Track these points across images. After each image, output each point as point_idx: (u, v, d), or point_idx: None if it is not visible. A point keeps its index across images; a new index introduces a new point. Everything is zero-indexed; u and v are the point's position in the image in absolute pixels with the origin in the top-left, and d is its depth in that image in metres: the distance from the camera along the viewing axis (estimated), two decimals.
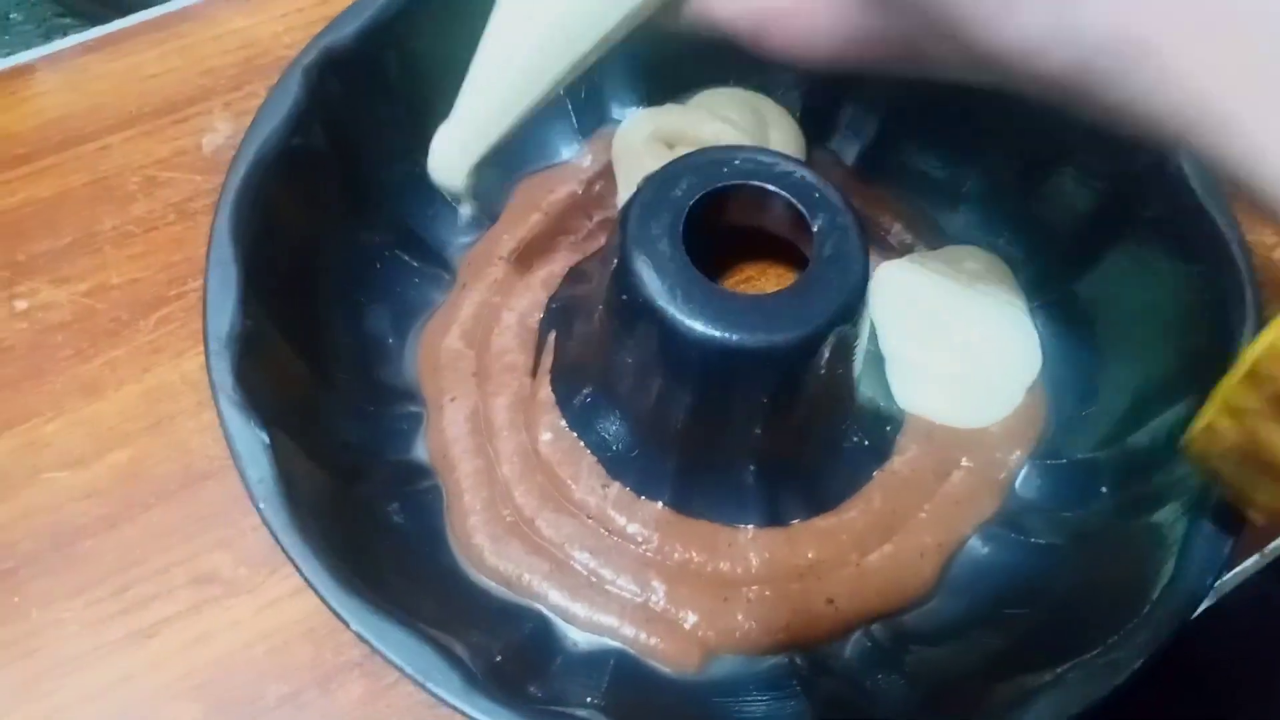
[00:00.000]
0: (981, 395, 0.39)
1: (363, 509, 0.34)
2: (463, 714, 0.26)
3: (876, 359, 0.39)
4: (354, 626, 0.27)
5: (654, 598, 0.35)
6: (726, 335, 0.31)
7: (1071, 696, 0.27)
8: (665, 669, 0.34)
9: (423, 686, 0.26)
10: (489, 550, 0.35)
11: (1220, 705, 0.42)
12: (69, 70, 0.46)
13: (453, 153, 0.33)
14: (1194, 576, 0.29)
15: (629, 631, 0.34)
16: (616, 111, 0.43)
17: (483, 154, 0.33)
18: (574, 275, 0.40)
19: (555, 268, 0.41)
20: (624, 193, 0.41)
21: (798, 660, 0.34)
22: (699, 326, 0.31)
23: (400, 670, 0.27)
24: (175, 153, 0.44)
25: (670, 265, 0.32)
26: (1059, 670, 0.28)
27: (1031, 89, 0.21)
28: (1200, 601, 0.28)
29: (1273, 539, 0.40)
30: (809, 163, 0.42)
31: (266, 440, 0.29)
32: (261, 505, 0.28)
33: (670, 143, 0.41)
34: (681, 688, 0.34)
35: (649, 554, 0.36)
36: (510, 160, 0.42)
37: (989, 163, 0.41)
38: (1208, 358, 0.33)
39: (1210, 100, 0.18)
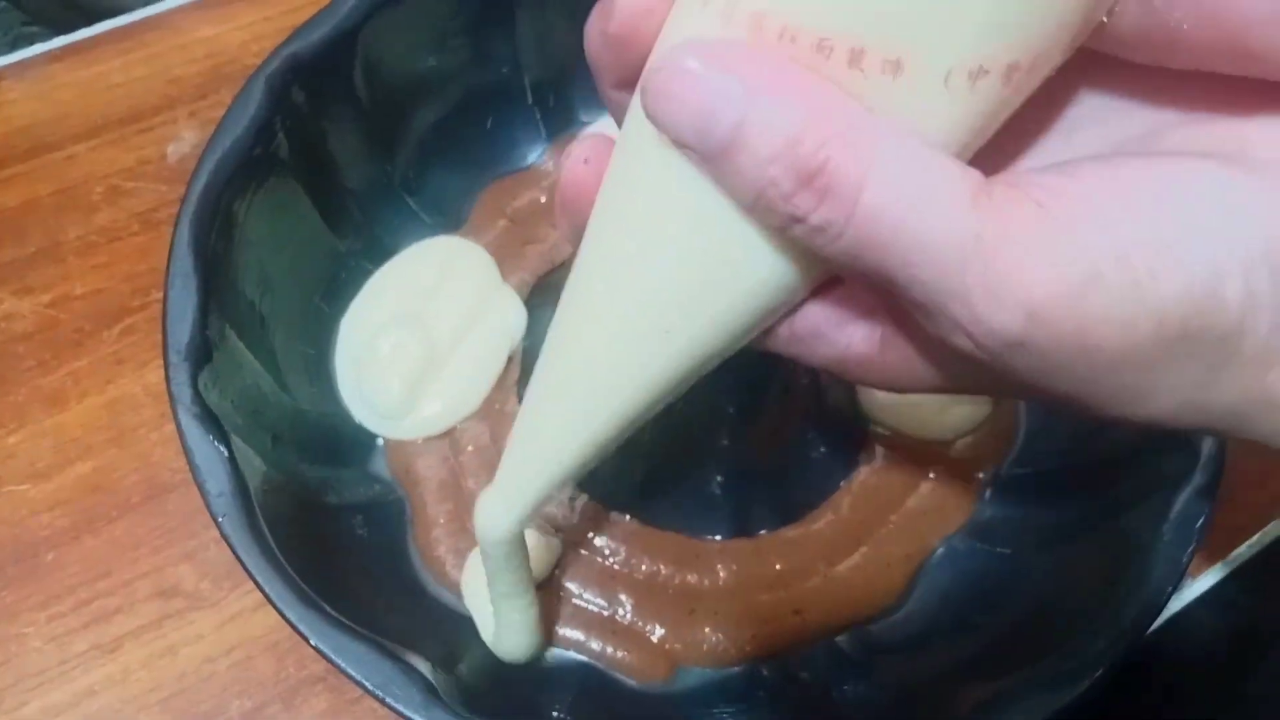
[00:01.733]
0: (948, 407, 0.39)
1: (327, 521, 0.34)
2: None
3: None
4: (313, 641, 0.27)
5: (621, 611, 0.35)
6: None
7: (1034, 705, 0.27)
8: (632, 681, 0.34)
9: (382, 701, 0.26)
10: (451, 564, 0.35)
11: (1186, 711, 0.42)
12: (35, 79, 0.45)
13: (497, 513, 0.27)
14: (1155, 585, 0.29)
15: (596, 645, 0.34)
16: (585, 115, 0.43)
17: (534, 507, 0.27)
18: (541, 286, 0.40)
19: (525, 276, 0.41)
20: None
21: (765, 671, 0.34)
22: None
23: (359, 685, 0.26)
24: (140, 162, 0.44)
25: None
26: (1023, 678, 0.28)
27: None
28: (1160, 610, 0.29)
29: (1237, 546, 0.40)
30: None
31: (226, 453, 0.29)
32: (221, 519, 0.28)
33: None
34: (649, 700, 0.34)
35: (616, 566, 0.36)
36: (475, 164, 0.42)
37: None
38: None
39: None
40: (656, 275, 0.21)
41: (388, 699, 0.26)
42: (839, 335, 0.21)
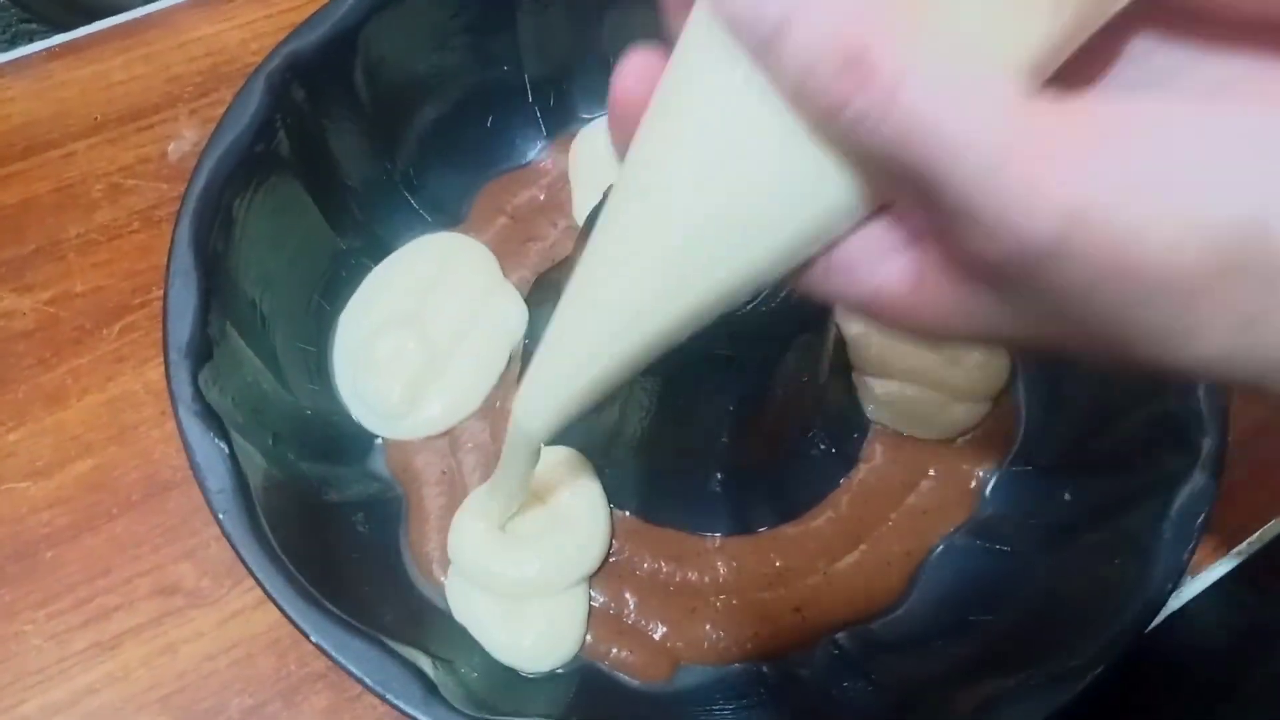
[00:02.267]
0: (948, 406, 0.39)
1: (328, 519, 0.34)
2: None
3: (844, 368, 0.39)
4: (313, 638, 0.27)
5: (624, 609, 0.35)
6: (691, 344, 0.31)
7: (1035, 703, 0.27)
8: (635, 681, 0.34)
9: (382, 698, 0.26)
10: (438, 560, 0.35)
11: (1187, 708, 0.42)
12: (34, 77, 0.45)
13: (536, 407, 0.27)
14: (1155, 583, 0.29)
15: (600, 645, 0.34)
16: (585, 112, 0.43)
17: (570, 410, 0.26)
18: (542, 283, 0.40)
19: (525, 273, 0.41)
20: (579, 201, 0.41)
21: (765, 669, 0.34)
22: None
23: (359, 681, 0.26)
24: (140, 160, 0.44)
25: None
26: (1023, 676, 0.28)
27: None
28: (1160, 608, 0.29)
29: (1238, 544, 0.40)
30: None
31: (226, 450, 0.29)
32: (221, 516, 0.28)
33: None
34: (649, 698, 0.34)
35: (618, 563, 0.36)
36: (474, 162, 0.42)
37: None
38: None
39: None
40: (705, 188, 0.21)
41: (388, 695, 0.26)
42: (874, 270, 0.21)
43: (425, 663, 0.28)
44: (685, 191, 0.21)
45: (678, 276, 0.22)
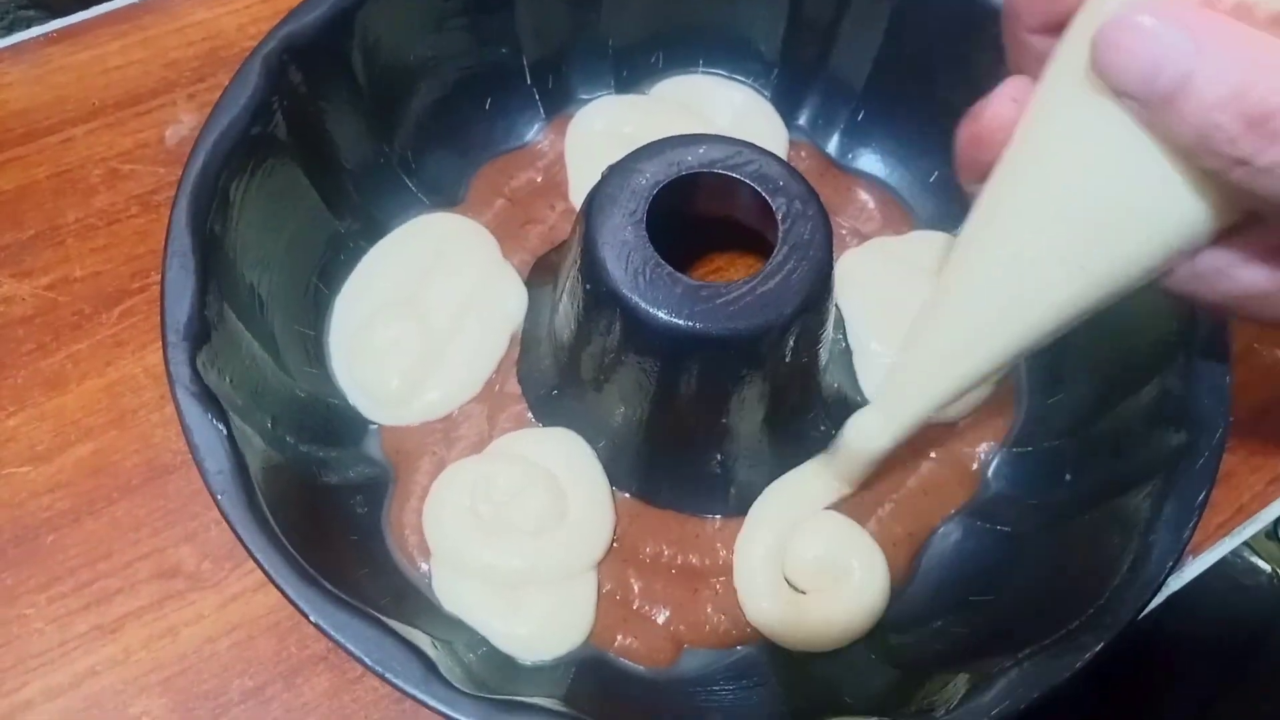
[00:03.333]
0: None
1: (326, 501, 0.34)
2: (424, 705, 0.26)
3: (845, 350, 0.39)
4: (312, 618, 0.27)
5: (630, 594, 0.35)
6: (690, 324, 0.31)
7: (1032, 680, 0.27)
8: (639, 667, 0.34)
9: (381, 677, 0.26)
10: (415, 544, 0.35)
11: (1187, 691, 0.42)
12: (31, 62, 0.45)
13: (873, 430, 0.31)
14: (1155, 562, 0.29)
15: (605, 633, 0.34)
16: (584, 93, 0.43)
17: (910, 427, 0.30)
18: (540, 266, 0.40)
19: (525, 255, 0.41)
20: (575, 183, 0.41)
21: (768, 651, 0.34)
22: (662, 315, 0.31)
23: (359, 661, 0.26)
24: (138, 145, 0.44)
25: (634, 253, 0.32)
26: (1020, 655, 0.28)
27: None
28: (1159, 587, 0.29)
29: (1239, 525, 0.40)
30: (785, 147, 0.43)
31: (224, 431, 0.29)
32: (220, 497, 0.28)
33: (627, 135, 0.40)
34: (653, 682, 0.34)
35: (621, 547, 0.36)
36: (472, 144, 0.42)
37: None
38: (1171, 344, 0.33)
39: None
40: (1078, 214, 0.23)
41: (387, 675, 0.26)
42: (1239, 274, 0.23)
43: (424, 642, 0.28)
44: (1057, 218, 0.24)
45: (1046, 294, 0.25)
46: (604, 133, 0.42)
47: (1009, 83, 0.25)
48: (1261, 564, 0.42)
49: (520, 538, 0.34)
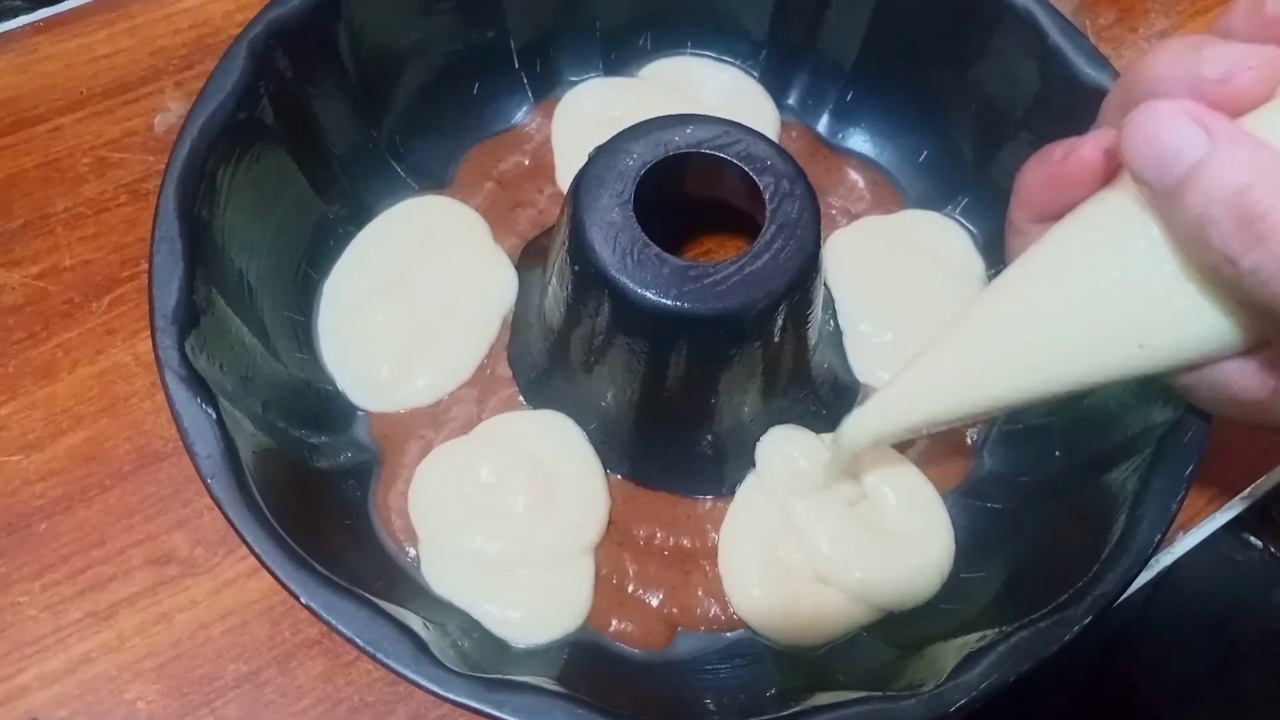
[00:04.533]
0: None
1: (318, 485, 0.34)
2: (416, 685, 0.26)
3: (834, 330, 0.39)
4: (303, 599, 0.27)
5: (625, 578, 0.35)
6: (678, 304, 0.31)
7: (1021, 653, 0.27)
8: (634, 651, 0.34)
9: (373, 657, 0.26)
10: (400, 526, 0.35)
11: (1179, 667, 0.42)
12: (18, 51, 0.45)
13: (866, 424, 0.31)
14: (1143, 535, 0.29)
15: (601, 618, 0.34)
16: (571, 75, 0.43)
17: (892, 437, 0.31)
18: (530, 249, 0.40)
19: (515, 240, 0.41)
20: (562, 167, 0.41)
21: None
22: (650, 295, 0.31)
23: (350, 642, 0.26)
24: (126, 133, 0.43)
25: (622, 235, 0.32)
26: (1008, 629, 0.28)
27: None
28: (1147, 560, 0.29)
29: (1228, 501, 0.40)
30: (776, 128, 0.43)
31: (214, 416, 0.29)
32: (209, 481, 0.28)
33: (614, 118, 0.40)
34: (644, 663, 0.34)
35: (614, 530, 0.36)
36: (459, 128, 0.42)
37: (949, 130, 0.41)
38: None
39: None
40: (1097, 302, 0.25)
41: (379, 655, 0.26)
42: (1233, 381, 0.25)
43: (416, 623, 0.28)
44: (1079, 298, 0.26)
45: (1052, 374, 0.27)
46: (591, 115, 0.42)
47: (1099, 133, 0.26)
48: (1253, 540, 0.42)
49: (508, 521, 0.34)
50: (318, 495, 0.33)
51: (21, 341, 0.39)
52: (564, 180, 0.41)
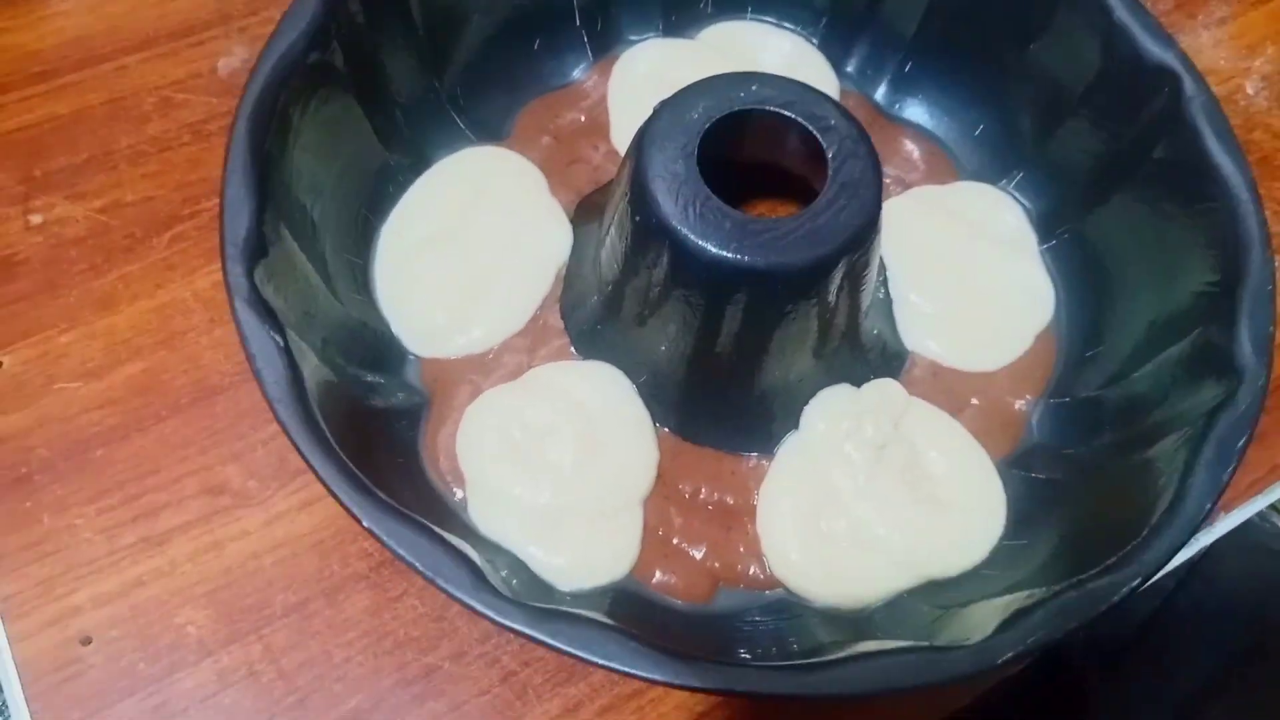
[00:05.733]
0: (988, 339, 0.39)
1: (373, 423, 0.34)
2: (474, 611, 0.27)
3: (884, 298, 0.39)
4: (366, 523, 0.27)
5: (670, 531, 0.35)
6: (738, 257, 0.31)
7: (1069, 611, 0.27)
8: (677, 602, 0.34)
9: (433, 583, 0.27)
10: (448, 469, 0.35)
11: (1217, 650, 0.42)
12: None
13: None
14: (1193, 501, 0.29)
15: (645, 569, 0.35)
16: (632, 34, 0.44)
17: None
18: (585, 205, 0.40)
19: (571, 195, 0.41)
20: (617, 125, 0.42)
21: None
22: (711, 248, 0.31)
23: (410, 566, 0.27)
24: (191, 75, 0.44)
25: (684, 187, 0.32)
26: (1056, 588, 0.28)
27: None
28: (1199, 525, 0.29)
29: (1270, 485, 0.40)
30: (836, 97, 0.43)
31: (281, 343, 0.29)
32: (277, 405, 0.29)
33: (670, 79, 0.41)
34: (686, 614, 0.34)
35: (662, 483, 0.36)
36: (519, 83, 0.42)
37: (1007, 104, 0.42)
38: (1214, 296, 0.33)
39: None
40: None
41: (439, 581, 0.27)
42: None
43: (472, 554, 0.28)
44: None
45: None
46: (647, 76, 0.42)
47: None
48: None
49: (555, 469, 0.35)
50: (373, 432, 0.34)
51: (83, 273, 0.40)
52: (619, 138, 0.42)
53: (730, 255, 0.31)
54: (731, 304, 0.33)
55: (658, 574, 0.35)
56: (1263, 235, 0.33)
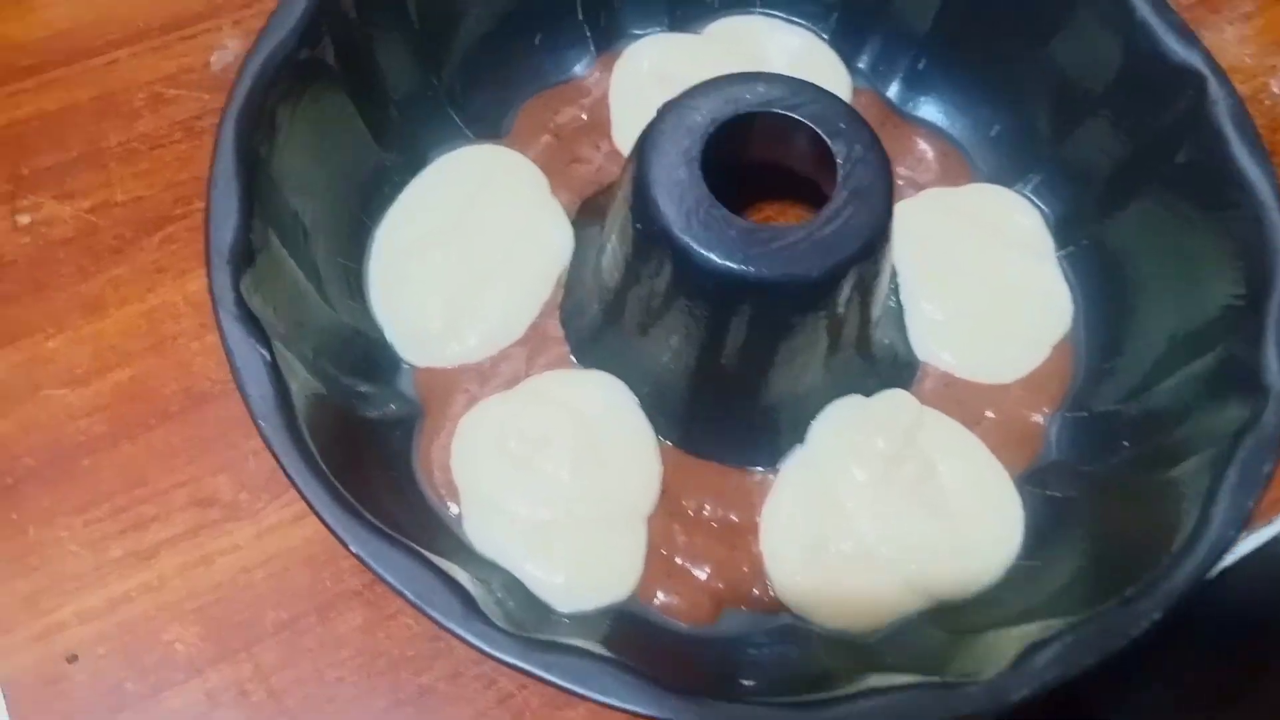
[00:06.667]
0: (1003, 349, 0.38)
1: (366, 435, 0.33)
2: (464, 642, 0.26)
3: (896, 307, 0.38)
4: (352, 548, 0.26)
5: (674, 549, 0.34)
6: (744, 267, 0.30)
7: (1089, 645, 0.26)
8: (680, 625, 0.33)
9: (422, 611, 0.26)
10: (440, 479, 0.34)
11: (1232, 673, 0.41)
12: None
13: None
14: (1218, 528, 0.28)
15: (648, 589, 0.33)
16: (635, 28, 0.42)
17: None
18: (587, 207, 0.39)
19: (571, 196, 0.40)
20: (618, 123, 0.40)
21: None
22: (715, 257, 0.30)
23: (398, 593, 0.26)
24: (183, 69, 0.43)
25: (687, 193, 0.31)
26: (1074, 621, 0.27)
27: None
28: (1224, 553, 0.28)
29: None
30: (849, 95, 0.41)
31: (268, 357, 0.28)
32: (261, 422, 0.28)
33: (674, 76, 0.39)
34: (689, 636, 0.33)
35: (665, 498, 0.35)
36: (518, 78, 0.41)
37: (1024, 104, 0.40)
38: (1239, 310, 0.32)
39: None
40: None
41: (427, 609, 0.26)
42: None
43: (464, 578, 0.27)
44: None
45: None
46: (651, 73, 0.41)
47: None
48: None
49: (553, 482, 0.33)
50: (364, 445, 0.33)
51: (71, 275, 0.39)
52: (621, 136, 0.40)
53: (736, 265, 0.30)
54: (736, 315, 0.32)
55: (660, 595, 0.33)
56: None
